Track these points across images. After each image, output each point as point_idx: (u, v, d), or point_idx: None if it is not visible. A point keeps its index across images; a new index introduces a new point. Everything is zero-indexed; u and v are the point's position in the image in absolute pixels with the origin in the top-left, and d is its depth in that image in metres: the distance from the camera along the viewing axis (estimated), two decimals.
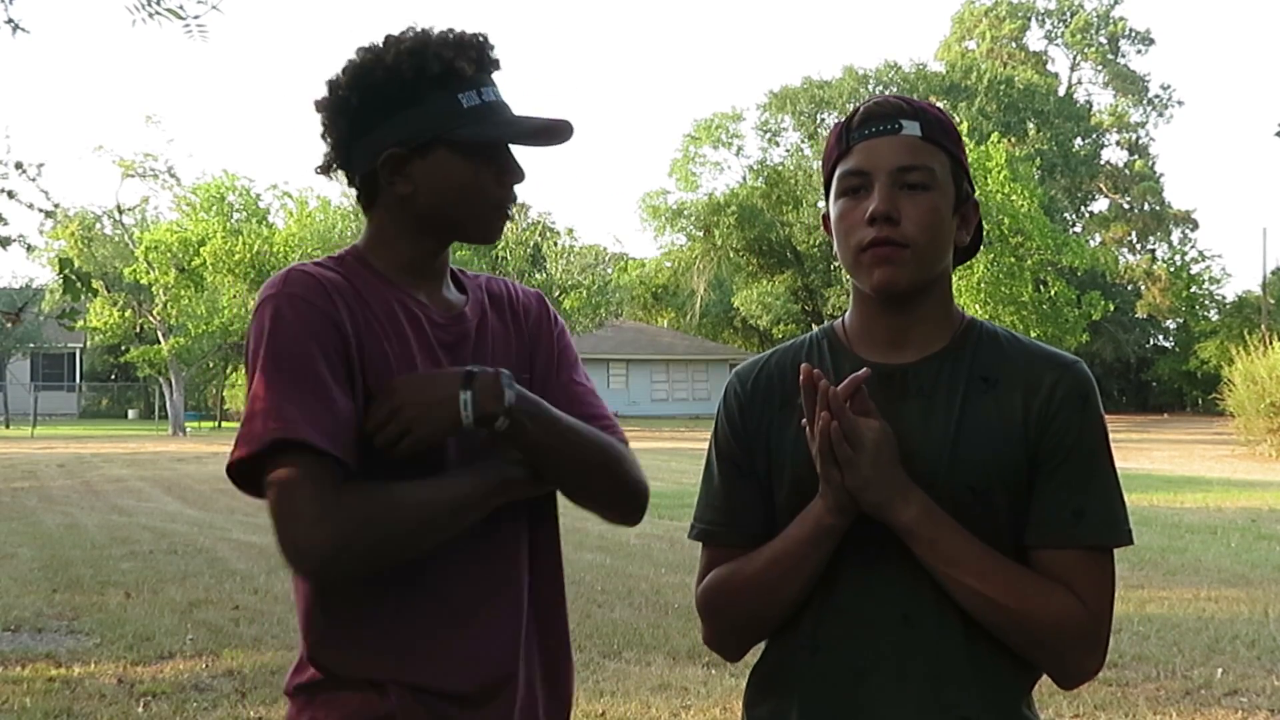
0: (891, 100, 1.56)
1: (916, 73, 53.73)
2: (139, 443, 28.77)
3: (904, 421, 1.51)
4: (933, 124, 1.55)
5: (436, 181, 1.65)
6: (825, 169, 1.62)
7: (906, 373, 1.55)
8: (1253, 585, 8.14)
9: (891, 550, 1.50)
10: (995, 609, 1.47)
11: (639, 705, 5.20)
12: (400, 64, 1.63)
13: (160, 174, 36.29)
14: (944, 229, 1.54)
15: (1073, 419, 1.51)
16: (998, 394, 1.52)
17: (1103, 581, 1.50)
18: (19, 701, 5.23)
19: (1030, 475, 1.50)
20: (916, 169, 1.52)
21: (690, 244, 53.12)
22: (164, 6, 4.50)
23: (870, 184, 1.52)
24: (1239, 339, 30.31)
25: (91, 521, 12.07)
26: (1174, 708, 5.11)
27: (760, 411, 1.62)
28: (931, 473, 1.49)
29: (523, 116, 1.69)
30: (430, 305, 1.70)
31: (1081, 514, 1.49)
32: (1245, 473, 19.03)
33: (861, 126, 1.55)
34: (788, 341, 1.71)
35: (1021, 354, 1.56)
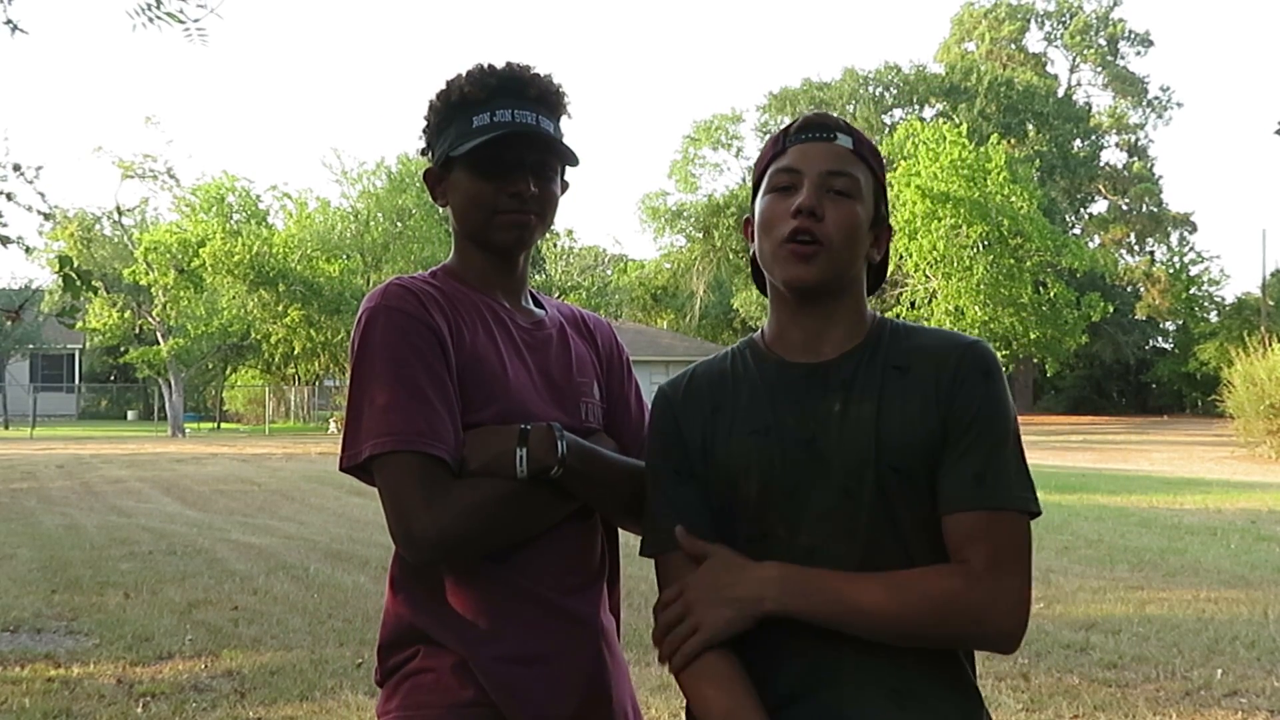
0: (829, 115, 1.68)
1: (916, 74, 53.73)
2: (138, 444, 28.77)
3: (829, 413, 1.61)
4: (863, 144, 1.67)
5: (456, 196, 1.83)
6: (757, 171, 1.70)
7: (827, 369, 1.64)
8: (1252, 586, 8.14)
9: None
10: (895, 627, 1.53)
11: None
12: (440, 96, 1.84)
13: (160, 175, 36.30)
14: (860, 237, 1.64)
15: (975, 391, 1.59)
16: (909, 379, 1.61)
17: (1006, 544, 1.54)
18: (18, 702, 5.23)
19: (942, 451, 1.58)
20: (844, 175, 1.62)
21: (690, 245, 53.14)
22: (164, 11, 4.50)
23: (800, 183, 1.62)
24: (1238, 341, 30.34)
25: (91, 522, 12.07)
26: (1174, 708, 5.12)
27: (693, 418, 1.69)
28: (859, 458, 1.57)
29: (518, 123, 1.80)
30: (514, 310, 1.87)
31: (982, 478, 1.55)
32: (1245, 474, 19.03)
33: (799, 132, 1.66)
34: (709, 357, 1.80)
35: (927, 340, 1.66)
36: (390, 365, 1.68)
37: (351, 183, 45.28)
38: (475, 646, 1.70)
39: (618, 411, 1.93)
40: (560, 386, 1.84)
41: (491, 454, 1.68)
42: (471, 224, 1.82)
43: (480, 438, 1.70)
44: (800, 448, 1.59)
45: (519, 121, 1.77)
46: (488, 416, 1.73)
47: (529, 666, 1.71)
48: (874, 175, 1.66)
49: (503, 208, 1.79)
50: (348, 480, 1.72)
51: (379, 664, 1.80)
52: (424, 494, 1.63)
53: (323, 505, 13.85)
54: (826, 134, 1.65)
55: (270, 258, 36.52)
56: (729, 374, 1.71)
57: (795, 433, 1.60)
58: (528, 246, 1.86)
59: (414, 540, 1.64)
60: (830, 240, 1.59)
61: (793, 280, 1.61)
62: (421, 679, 1.71)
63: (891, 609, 1.51)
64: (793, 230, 1.59)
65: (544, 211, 1.83)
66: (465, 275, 1.85)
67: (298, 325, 37.71)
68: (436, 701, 1.69)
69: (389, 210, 44.02)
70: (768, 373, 1.66)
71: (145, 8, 4.49)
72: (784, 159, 1.65)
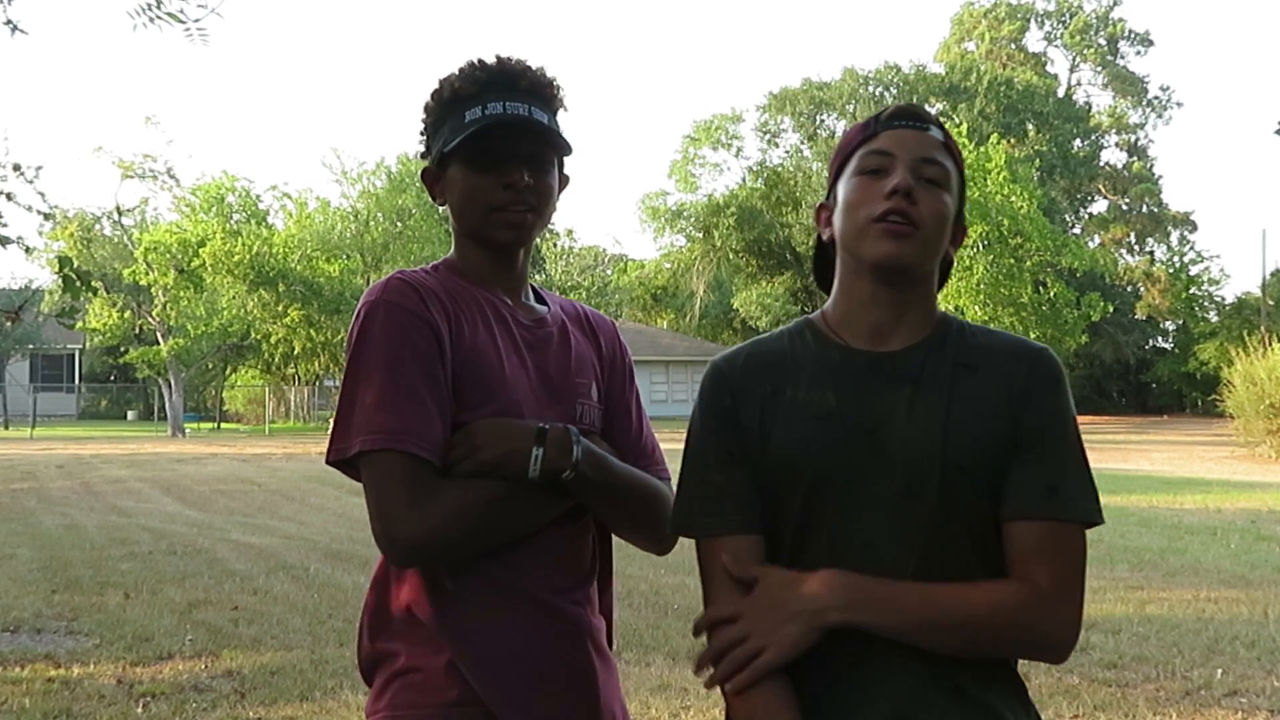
0: (921, 107, 1.68)
1: (916, 74, 53.72)
2: (138, 444, 28.77)
3: (895, 406, 1.57)
4: (951, 140, 1.66)
5: (453, 193, 1.82)
6: (840, 156, 1.68)
7: (893, 360, 1.61)
8: (1252, 586, 8.14)
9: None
10: (958, 642, 1.51)
11: (638, 706, 5.19)
12: (433, 95, 1.83)
13: (160, 175, 36.31)
14: (946, 228, 1.63)
15: (1047, 401, 1.58)
16: (978, 378, 1.59)
17: (1071, 555, 1.54)
18: (18, 702, 5.23)
19: (1009, 454, 1.56)
20: (936, 164, 1.61)
21: (690, 245, 53.12)
22: (164, 11, 4.50)
23: (892, 166, 1.60)
24: (1238, 340, 30.33)
25: (90, 522, 12.06)
26: (1174, 708, 5.11)
27: (751, 398, 1.63)
28: (924, 454, 1.55)
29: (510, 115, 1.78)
30: (515, 307, 1.85)
31: (1055, 489, 1.54)
32: (1245, 474, 19.03)
33: (892, 119, 1.65)
34: (763, 335, 1.75)
35: (996, 342, 1.64)
36: (385, 361, 1.67)
37: (351, 183, 45.26)
38: (463, 646, 1.68)
39: (616, 416, 1.91)
40: (557, 386, 1.81)
41: (505, 449, 1.67)
42: (469, 221, 1.80)
43: (494, 431, 1.69)
44: (863, 438, 1.56)
45: (510, 112, 1.76)
46: (483, 415, 1.72)
47: (517, 666, 1.69)
48: (959, 172, 1.66)
49: (498, 203, 1.77)
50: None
51: (361, 659, 1.79)
52: (408, 496, 1.62)
53: (323, 505, 13.85)
54: (920, 123, 1.64)
55: (270, 258, 36.51)
56: (788, 355, 1.66)
57: (858, 422, 1.57)
58: (526, 243, 1.84)
59: (394, 542, 1.63)
60: (924, 223, 1.58)
61: (884, 258, 1.58)
62: (410, 678, 1.70)
63: (956, 622, 1.50)
64: (886, 210, 1.57)
65: (540, 204, 1.80)
66: (466, 271, 1.84)
67: (298, 325, 37.70)
68: (425, 701, 1.68)
69: (389, 210, 43.99)
70: (830, 358, 1.63)
71: (145, 8, 4.49)
72: (875, 142, 1.63)
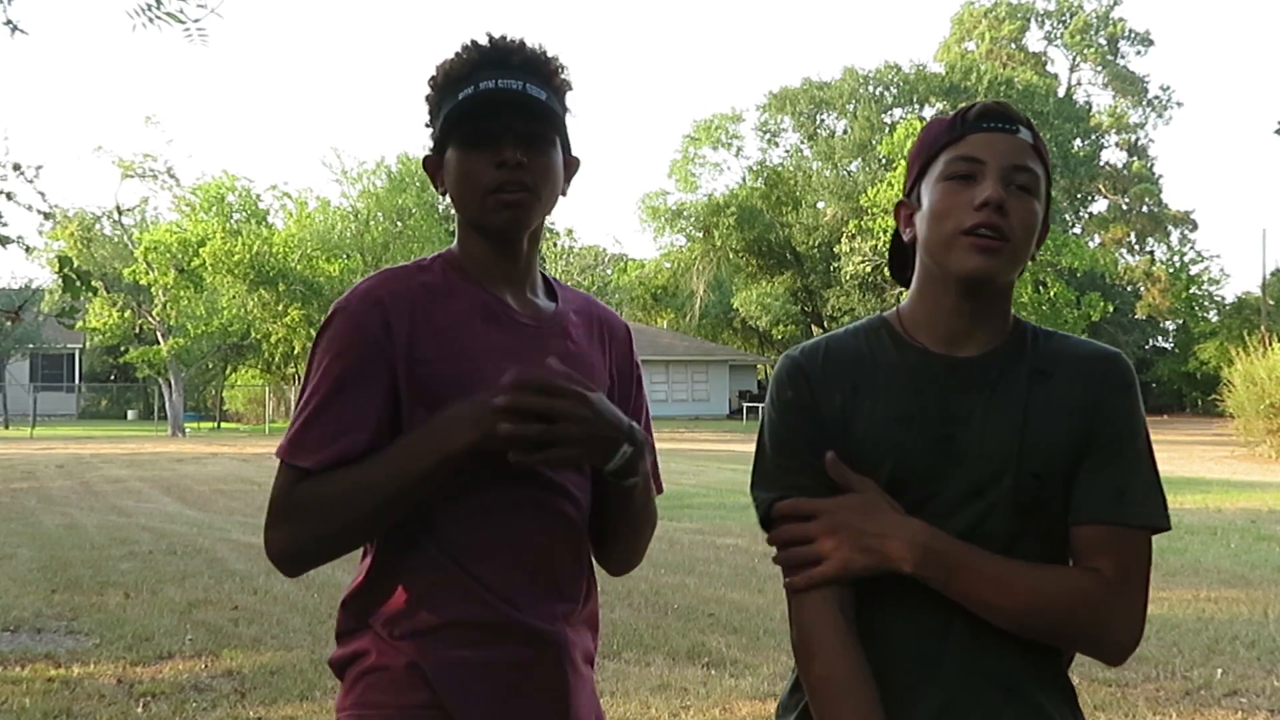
0: (1010, 106, 1.63)
1: (916, 74, 53.71)
2: (138, 443, 28.77)
3: (971, 414, 1.59)
4: (1039, 140, 1.63)
5: (450, 178, 1.75)
6: (923, 155, 1.63)
7: (971, 365, 1.61)
8: (1252, 586, 8.14)
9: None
10: (1022, 618, 1.53)
11: (639, 705, 5.20)
12: (430, 82, 1.77)
13: (160, 174, 36.33)
14: (1035, 237, 1.60)
15: (1119, 405, 1.59)
16: (1054, 385, 1.60)
17: (1138, 559, 1.56)
18: (18, 702, 5.23)
19: (1081, 460, 1.57)
20: (1027, 171, 1.58)
21: (690, 245, 53.11)
22: (164, 11, 4.50)
23: (982, 174, 1.56)
24: (1238, 340, 30.32)
25: (91, 522, 12.07)
26: (1174, 708, 5.11)
27: (832, 393, 1.63)
28: (998, 459, 1.56)
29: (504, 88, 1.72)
30: (514, 305, 1.77)
31: (1123, 494, 1.56)
32: (1245, 474, 19.04)
33: (980, 119, 1.60)
34: (838, 330, 1.73)
35: (1071, 348, 1.65)
36: (321, 376, 1.67)
37: (351, 182, 45.30)
38: (428, 649, 1.66)
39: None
40: None
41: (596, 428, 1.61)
42: (467, 206, 1.73)
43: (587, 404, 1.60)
44: (939, 442, 1.58)
45: (501, 88, 1.68)
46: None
47: (482, 672, 1.67)
48: (1046, 174, 1.63)
49: (492, 184, 1.69)
50: None
51: (333, 654, 1.78)
52: (277, 511, 1.64)
53: None
54: (1010, 125, 1.60)
55: (270, 257, 36.53)
56: (865, 354, 1.65)
57: (935, 427, 1.58)
58: (526, 227, 1.74)
59: (267, 552, 1.67)
60: (1014, 236, 1.55)
61: (972, 272, 1.56)
62: (375, 678, 1.69)
63: (1027, 598, 1.52)
64: (977, 223, 1.54)
65: (539, 185, 1.71)
66: (465, 264, 1.77)
67: (298, 325, 37.70)
68: (390, 701, 1.66)
69: (389, 210, 44.02)
70: (909, 360, 1.63)
71: (145, 8, 4.50)
72: (963, 146, 1.59)
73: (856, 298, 46.18)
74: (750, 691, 5.43)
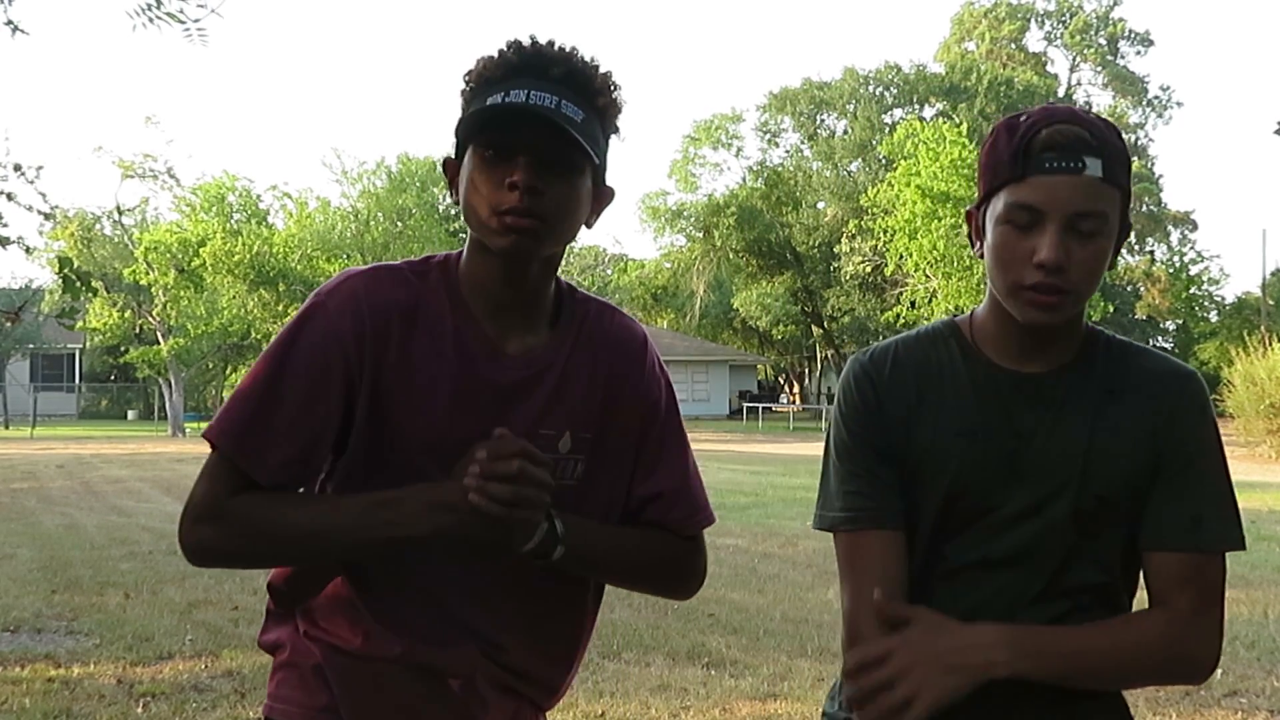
0: (1076, 128, 1.48)
1: (916, 74, 53.69)
2: (138, 443, 28.75)
3: (1036, 430, 1.56)
4: (1114, 159, 1.49)
5: (462, 188, 1.59)
6: (987, 181, 1.53)
7: (1039, 381, 1.58)
8: (1253, 586, 8.15)
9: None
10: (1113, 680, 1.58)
11: (639, 706, 5.19)
12: (466, 76, 1.62)
13: (160, 175, 36.30)
14: (1102, 273, 1.53)
15: (1193, 429, 1.57)
16: (1124, 406, 1.57)
17: (1215, 583, 1.56)
18: (18, 702, 5.22)
19: (1150, 482, 1.56)
20: (1092, 216, 1.47)
21: (690, 245, 53.08)
22: (164, 11, 4.50)
23: (1042, 222, 1.47)
24: (1238, 340, 30.31)
25: (91, 522, 12.06)
26: (1174, 708, 5.11)
27: (898, 400, 1.62)
28: (1061, 478, 1.55)
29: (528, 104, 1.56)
30: (495, 338, 1.62)
31: (1200, 520, 1.55)
32: (1245, 474, 19.01)
33: (1043, 154, 1.47)
34: (906, 335, 1.70)
35: (1144, 366, 1.61)
36: (276, 365, 1.57)
37: (351, 183, 45.31)
38: (330, 654, 1.64)
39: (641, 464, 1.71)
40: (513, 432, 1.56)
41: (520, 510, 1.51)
42: (470, 220, 1.58)
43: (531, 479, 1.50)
44: (1002, 458, 1.56)
45: (532, 103, 1.50)
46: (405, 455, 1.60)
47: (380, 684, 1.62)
48: (1122, 194, 1.51)
49: (500, 205, 1.52)
50: None
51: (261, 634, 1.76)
52: (205, 501, 1.55)
53: None
54: (1075, 162, 1.46)
55: (270, 257, 36.51)
56: (933, 362, 1.63)
57: (999, 442, 1.56)
58: (529, 258, 1.57)
59: (179, 538, 1.58)
60: (1075, 288, 1.49)
61: (1033, 323, 1.53)
62: (288, 674, 1.67)
63: (1110, 661, 1.53)
64: (1036, 282, 1.48)
65: (552, 215, 1.53)
66: (465, 281, 1.63)
67: None
68: (300, 700, 1.65)
69: (389, 210, 44.02)
70: (976, 372, 1.60)
71: (145, 8, 4.50)
72: (1024, 190, 1.47)
73: (856, 298, 46.17)
74: (750, 692, 5.42)
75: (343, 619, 1.64)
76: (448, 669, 1.63)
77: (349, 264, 39.99)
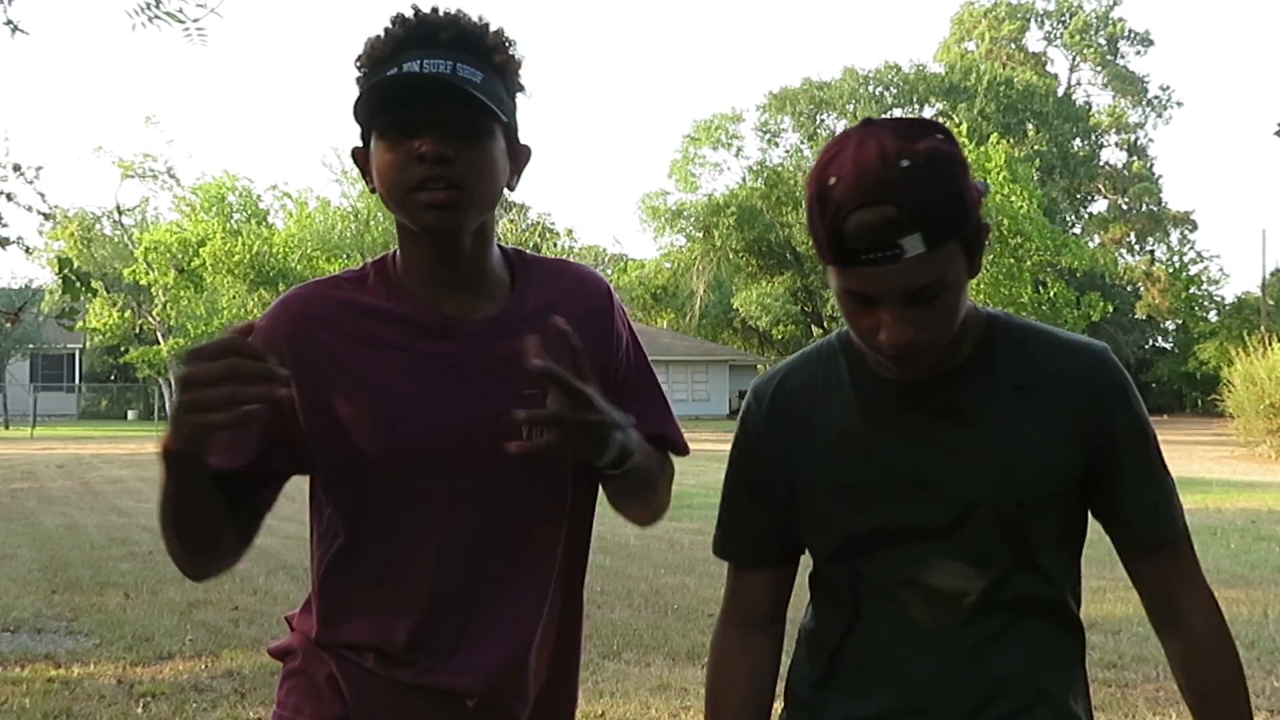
0: (885, 207, 1.29)
1: (916, 74, 53.72)
2: (138, 443, 28.73)
3: (939, 441, 1.46)
4: (935, 218, 1.31)
5: (375, 172, 1.53)
6: (816, 248, 1.39)
7: (933, 388, 1.46)
8: (1252, 586, 8.14)
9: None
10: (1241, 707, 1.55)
11: (639, 706, 5.20)
12: (355, 62, 1.55)
13: (160, 175, 36.37)
14: (958, 317, 1.40)
15: (1123, 414, 1.48)
16: (1037, 403, 1.46)
17: (1192, 562, 1.53)
18: (18, 702, 5.23)
19: (1086, 479, 1.48)
20: (928, 286, 1.34)
21: (690, 245, 53.10)
22: (164, 11, 4.50)
23: (877, 303, 1.36)
24: (1238, 340, 30.31)
25: (91, 522, 12.06)
26: (1174, 708, 5.11)
27: (780, 435, 1.55)
28: (979, 492, 1.44)
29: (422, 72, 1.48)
30: (450, 318, 1.57)
31: (1157, 508, 1.51)
32: (1245, 474, 19.02)
33: (857, 244, 1.31)
34: (800, 353, 1.62)
35: (1050, 353, 1.49)
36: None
37: (352, 182, 45.29)
38: (344, 664, 1.61)
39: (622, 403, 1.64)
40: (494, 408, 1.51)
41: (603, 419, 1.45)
42: (391, 205, 1.52)
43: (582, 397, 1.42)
44: (905, 474, 1.46)
45: (426, 71, 1.45)
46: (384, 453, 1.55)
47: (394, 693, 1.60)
48: (959, 237, 1.35)
49: (414, 181, 1.47)
50: None
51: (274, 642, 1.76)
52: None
53: None
54: (892, 250, 1.30)
55: (270, 257, 36.54)
56: (819, 382, 1.53)
57: (897, 457, 1.46)
58: (457, 229, 1.52)
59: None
60: (932, 343, 1.39)
61: (904, 378, 1.44)
62: (298, 682, 1.65)
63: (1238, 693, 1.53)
64: (890, 354, 1.39)
65: (470, 181, 1.48)
66: (402, 271, 1.59)
67: None
68: (311, 710, 1.63)
69: (389, 210, 44.04)
70: (865, 387, 1.49)
71: (145, 7, 4.49)
72: (849, 280, 1.35)
73: None
74: None
75: (358, 631, 1.61)
76: (463, 688, 1.60)
77: (349, 264, 39.96)
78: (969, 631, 1.47)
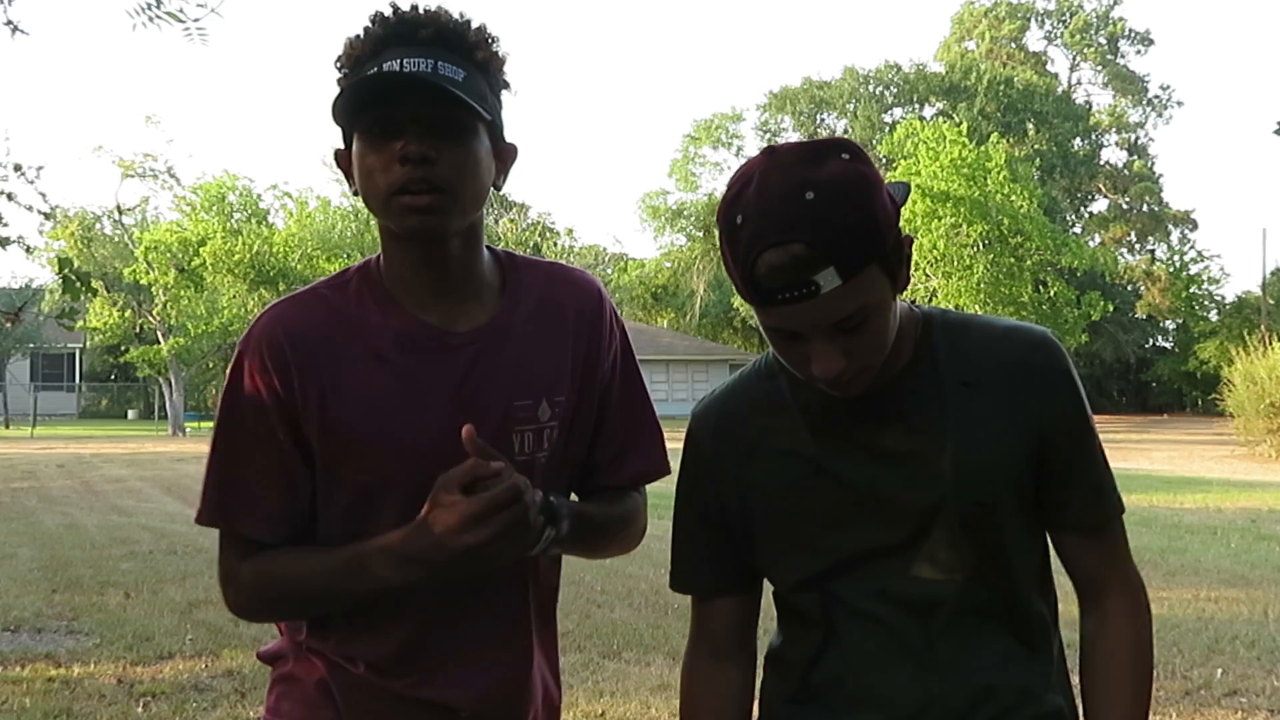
0: (794, 246, 1.25)
1: (916, 73, 53.73)
2: (138, 443, 28.75)
3: (889, 448, 1.43)
4: (849, 248, 1.26)
5: (357, 174, 1.50)
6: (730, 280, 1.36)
7: (879, 395, 1.43)
8: (1252, 586, 8.14)
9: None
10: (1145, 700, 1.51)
11: (639, 705, 5.20)
12: (335, 63, 1.54)
13: (160, 174, 36.33)
14: (892, 326, 1.38)
15: (1065, 399, 1.46)
16: (983, 396, 1.43)
17: (1124, 539, 1.53)
18: (19, 702, 5.23)
19: (1037, 468, 1.46)
20: (851, 315, 1.31)
21: (690, 244, 53.14)
22: (164, 10, 4.49)
23: (802, 338, 1.34)
24: (1238, 339, 30.31)
25: (91, 522, 12.06)
26: (1174, 708, 5.11)
27: (725, 457, 1.52)
28: (934, 497, 1.42)
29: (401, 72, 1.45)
30: (439, 325, 1.54)
31: (1100, 488, 1.50)
32: (1245, 473, 19.02)
33: (771, 284, 1.28)
34: (735, 377, 1.58)
35: (992, 343, 1.46)
36: (223, 429, 1.55)
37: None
38: (335, 670, 1.59)
39: (607, 410, 1.66)
40: (483, 419, 1.48)
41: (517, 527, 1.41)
42: (372, 208, 1.49)
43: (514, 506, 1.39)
44: (859, 486, 1.43)
45: (406, 70, 1.42)
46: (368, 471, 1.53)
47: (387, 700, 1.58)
48: (882, 259, 1.31)
49: (396, 184, 1.43)
50: None
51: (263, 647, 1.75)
52: (224, 570, 1.58)
53: None
54: (806, 288, 1.26)
55: (271, 257, 36.51)
56: (763, 402, 1.50)
57: (848, 470, 1.44)
58: (441, 232, 1.48)
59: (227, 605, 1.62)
60: (867, 364, 1.36)
61: (847, 398, 1.41)
62: (288, 688, 1.63)
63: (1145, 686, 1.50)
64: (825, 382, 1.37)
65: (453, 183, 1.44)
66: (387, 277, 1.56)
67: None
68: (301, 715, 1.61)
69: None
70: (809, 402, 1.45)
71: (145, 7, 4.49)
72: (770, 317, 1.33)
73: None
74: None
75: (347, 642, 1.59)
76: (455, 701, 1.59)
77: (349, 263, 39.82)
78: (947, 640, 1.45)
